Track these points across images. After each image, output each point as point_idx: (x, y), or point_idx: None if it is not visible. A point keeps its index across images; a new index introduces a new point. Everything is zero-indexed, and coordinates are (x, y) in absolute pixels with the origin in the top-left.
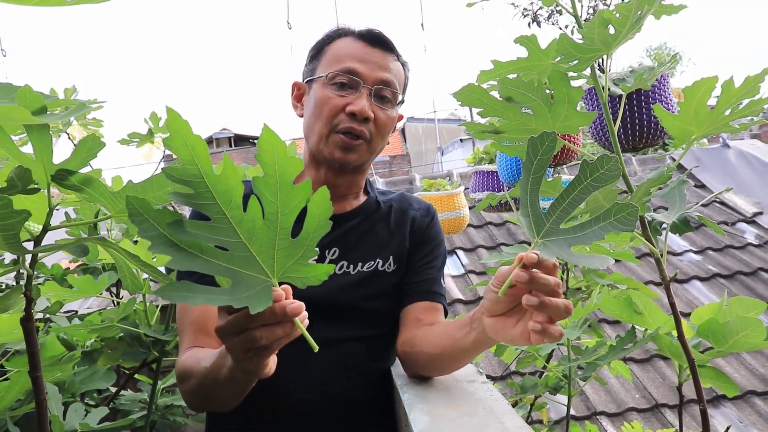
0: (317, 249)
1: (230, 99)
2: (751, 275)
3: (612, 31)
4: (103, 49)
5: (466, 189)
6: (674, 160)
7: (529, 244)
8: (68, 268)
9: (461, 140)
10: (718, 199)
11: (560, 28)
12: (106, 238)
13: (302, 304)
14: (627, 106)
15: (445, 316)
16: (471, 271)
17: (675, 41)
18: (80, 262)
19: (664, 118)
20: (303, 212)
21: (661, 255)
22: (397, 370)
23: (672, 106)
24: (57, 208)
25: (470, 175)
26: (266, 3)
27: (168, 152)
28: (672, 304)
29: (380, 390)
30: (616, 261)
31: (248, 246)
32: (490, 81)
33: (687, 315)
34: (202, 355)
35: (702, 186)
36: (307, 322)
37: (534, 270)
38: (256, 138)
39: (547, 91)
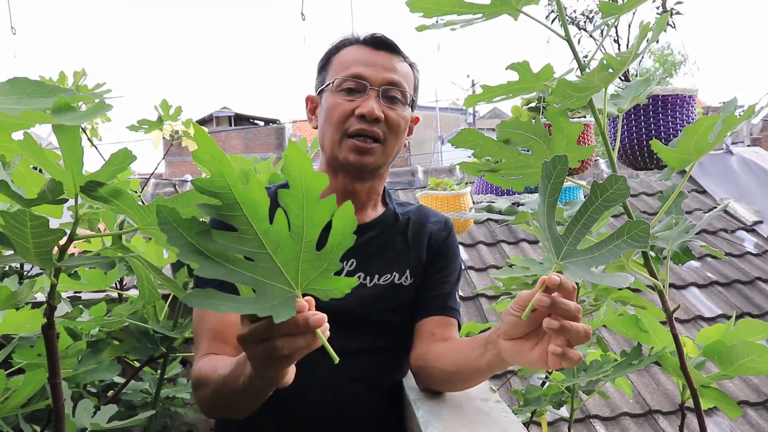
0: (341, 263)
1: (233, 80)
2: (749, 284)
3: (611, 71)
4: (109, 24)
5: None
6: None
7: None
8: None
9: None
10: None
11: (590, 36)
12: (129, 249)
13: (324, 316)
14: (644, 125)
15: (459, 330)
16: (471, 267)
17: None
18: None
19: (661, 151)
20: (326, 226)
21: (664, 287)
22: (409, 382)
23: None
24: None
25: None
26: None
27: (173, 140)
28: (675, 335)
29: (392, 402)
30: None
31: (273, 257)
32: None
33: (684, 322)
34: (219, 364)
35: (703, 192)
36: (328, 333)
37: (555, 294)
38: (256, 118)
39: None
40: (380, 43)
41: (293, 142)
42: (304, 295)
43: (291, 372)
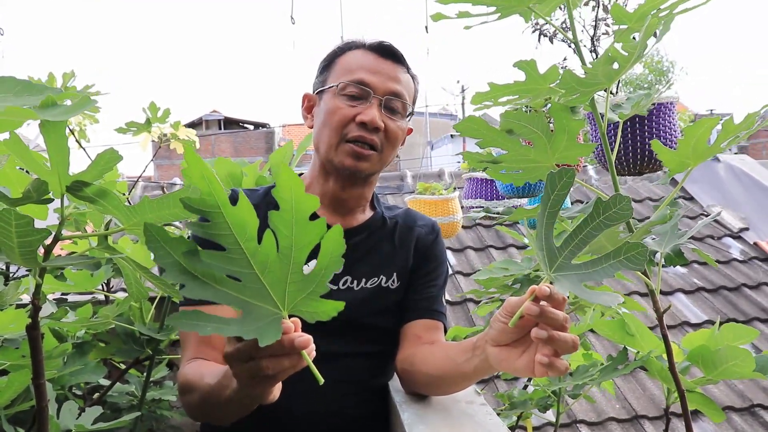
0: (329, 286)
1: (223, 83)
2: (735, 291)
3: (616, 66)
4: (99, 26)
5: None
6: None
7: (521, 248)
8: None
9: (451, 136)
10: (705, 213)
11: (569, 45)
12: (116, 249)
13: (310, 338)
14: (630, 132)
15: (445, 333)
16: (459, 272)
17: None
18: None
19: (661, 152)
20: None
21: (655, 288)
22: (395, 385)
23: (676, 134)
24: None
25: (461, 175)
26: None
27: (161, 142)
28: (665, 336)
29: (378, 405)
30: None
31: (261, 278)
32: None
33: (670, 328)
34: (206, 370)
35: (690, 198)
36: (314, 354)
37: (544, 303)
38: (245, 122)
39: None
40: (386, 52)
41: (285, 165)
42: (290, 317)
43: (277, 390)
